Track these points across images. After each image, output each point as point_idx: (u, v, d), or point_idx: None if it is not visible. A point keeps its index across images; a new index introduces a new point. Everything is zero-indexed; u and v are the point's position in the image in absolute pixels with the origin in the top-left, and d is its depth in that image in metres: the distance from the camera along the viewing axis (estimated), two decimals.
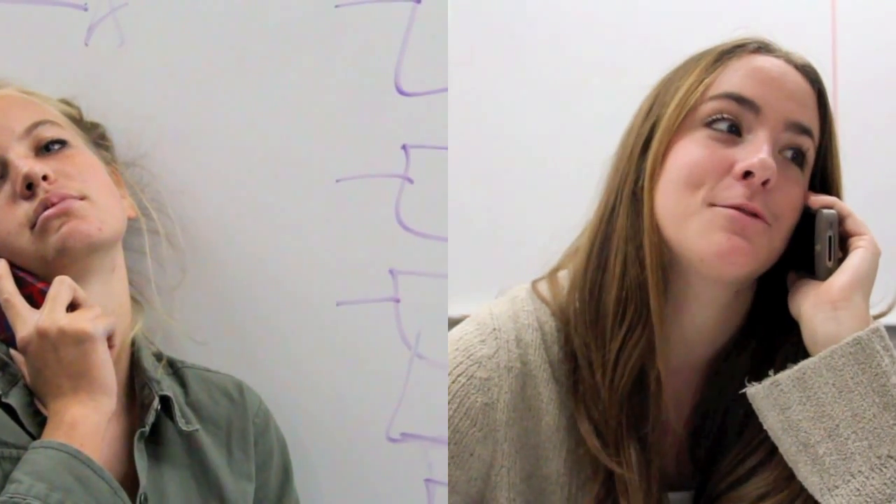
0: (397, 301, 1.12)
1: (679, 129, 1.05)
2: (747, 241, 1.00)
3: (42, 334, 0.95)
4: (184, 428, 1.04)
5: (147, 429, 1.01)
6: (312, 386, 1.14)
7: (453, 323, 1.12)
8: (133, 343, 1.07)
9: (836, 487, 0.96)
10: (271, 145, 1.14)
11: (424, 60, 1.12)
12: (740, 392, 1.03)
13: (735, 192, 1.00)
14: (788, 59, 1.07)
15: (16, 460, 0.91)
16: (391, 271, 1.12)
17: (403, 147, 1.12)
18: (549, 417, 1.06)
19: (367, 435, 1.12)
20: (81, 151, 1.06)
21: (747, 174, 1.00)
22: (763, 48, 1.08)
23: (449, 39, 1.12)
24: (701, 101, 1.05)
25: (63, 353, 0.95)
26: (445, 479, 1.04)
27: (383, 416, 1.12)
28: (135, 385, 1.05)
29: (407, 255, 1.12)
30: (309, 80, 1.13)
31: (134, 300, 1.09)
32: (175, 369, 1.10)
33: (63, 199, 1.00)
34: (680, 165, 1.03)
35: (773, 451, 1.03)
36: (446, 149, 1.12)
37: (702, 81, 1.05)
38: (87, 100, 1.12)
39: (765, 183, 1.00)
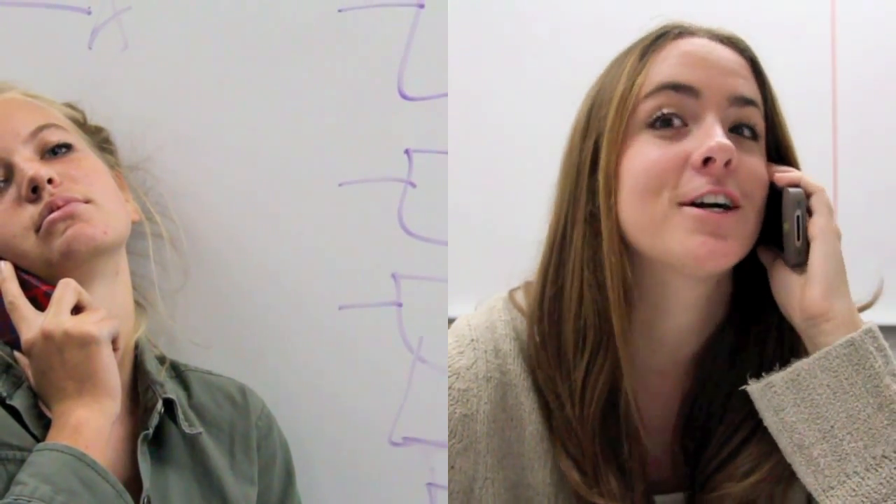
0: (399, 305, 1.13)
1: (623, 137, 1.01)
2: (722, 240, 0.98)
3: (47, 337, 0.95)
4: (187, 431, 1.04)
5: (150, 431, 1.02)
6: (315, 389, 1.14)
7: None
8: (136, 346, 1.07)
9: (832, 488, 0.96)
10: (274, 149, 1.14)
11: (428, 65, 1.12)
12: (735, 386, 1.02)
13: (698, 182, 0.98)
14: (712, 35, 1.04)
15: (20, 462, 0.91)
16: (394, 275, 1.13)
17: (406, 151, 1.13)
18: (532, 427, 1.05)
19: (370, 439, 1.13)
20: (86, 155, 1.07)
21: (707, 160, 0.98)
22: (684, 31, 1.05)
23: (450, 43, 1.12)
24: (638, 102, 1.02)
25: (68, 355, 0.95)
26: (447, 484, 1.04)
27: (386, 420, 1.12)
28: (138, 388, 1.05)
29: (409, 259, 1.12)
30: (312, 84, 1.13)
31: (137, 303, 1.10)
32: (178, 372, 1.10)
33: (68, 202, 1.01)
34: (636, 174, 1.00)
35: (756, 427, 1.02)
36: (447, 153, 1.12)
37: (633, 83, 1.02)
38: (91, 103, 1.12)
39: (727, 164, 0.98)
